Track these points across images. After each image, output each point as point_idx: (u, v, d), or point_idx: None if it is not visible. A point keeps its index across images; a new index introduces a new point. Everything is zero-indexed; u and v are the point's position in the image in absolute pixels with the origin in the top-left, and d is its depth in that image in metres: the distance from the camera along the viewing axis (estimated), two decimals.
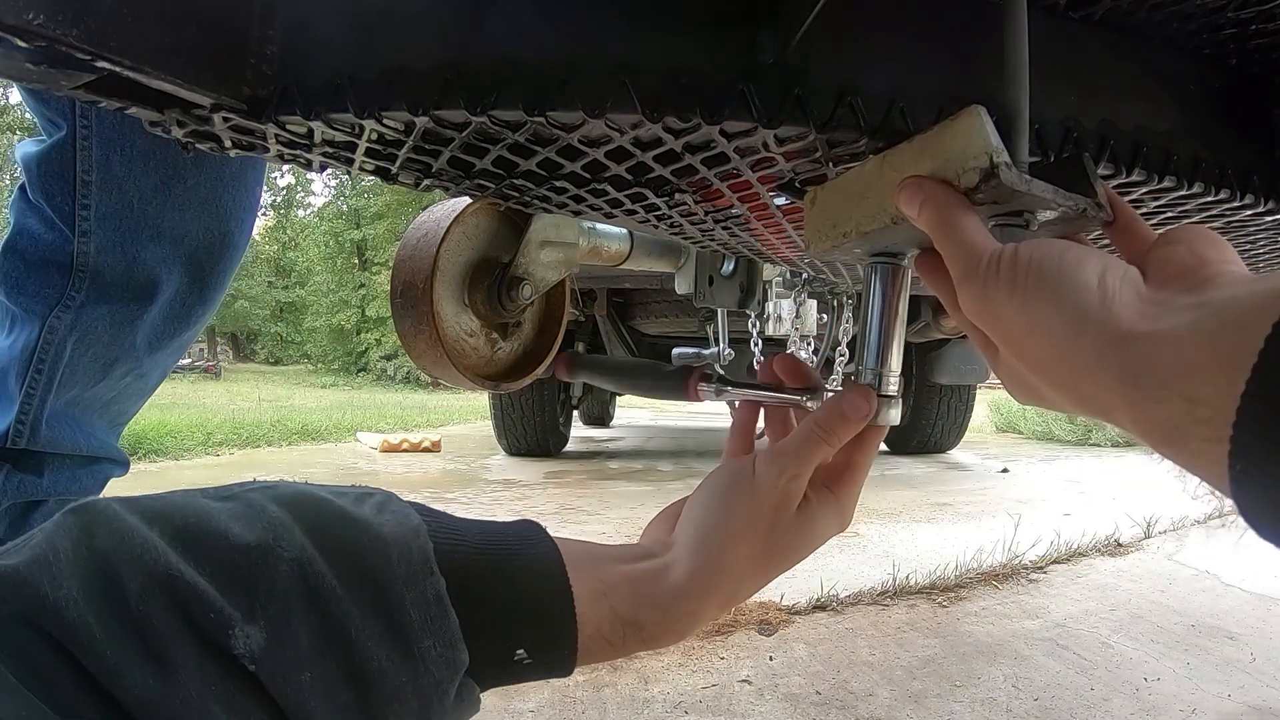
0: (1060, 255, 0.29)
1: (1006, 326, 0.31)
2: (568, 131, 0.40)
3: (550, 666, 0.36)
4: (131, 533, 0.29)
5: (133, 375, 0.88)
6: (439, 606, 0.32)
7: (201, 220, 0.85)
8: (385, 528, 0.33)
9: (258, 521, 0.31)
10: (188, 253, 0.85)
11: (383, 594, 0.31)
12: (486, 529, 0.37)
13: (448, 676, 0.32)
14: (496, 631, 0.34)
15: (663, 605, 0.38)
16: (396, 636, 0.31)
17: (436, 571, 0.33)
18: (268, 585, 0.30)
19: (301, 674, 0.29)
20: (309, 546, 0.31)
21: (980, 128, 0.33)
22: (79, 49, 0.32)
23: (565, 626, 0.36)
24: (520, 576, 0.36)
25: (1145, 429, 0.25)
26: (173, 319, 0.88)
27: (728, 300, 1.20)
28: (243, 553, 0.30)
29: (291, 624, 0.29)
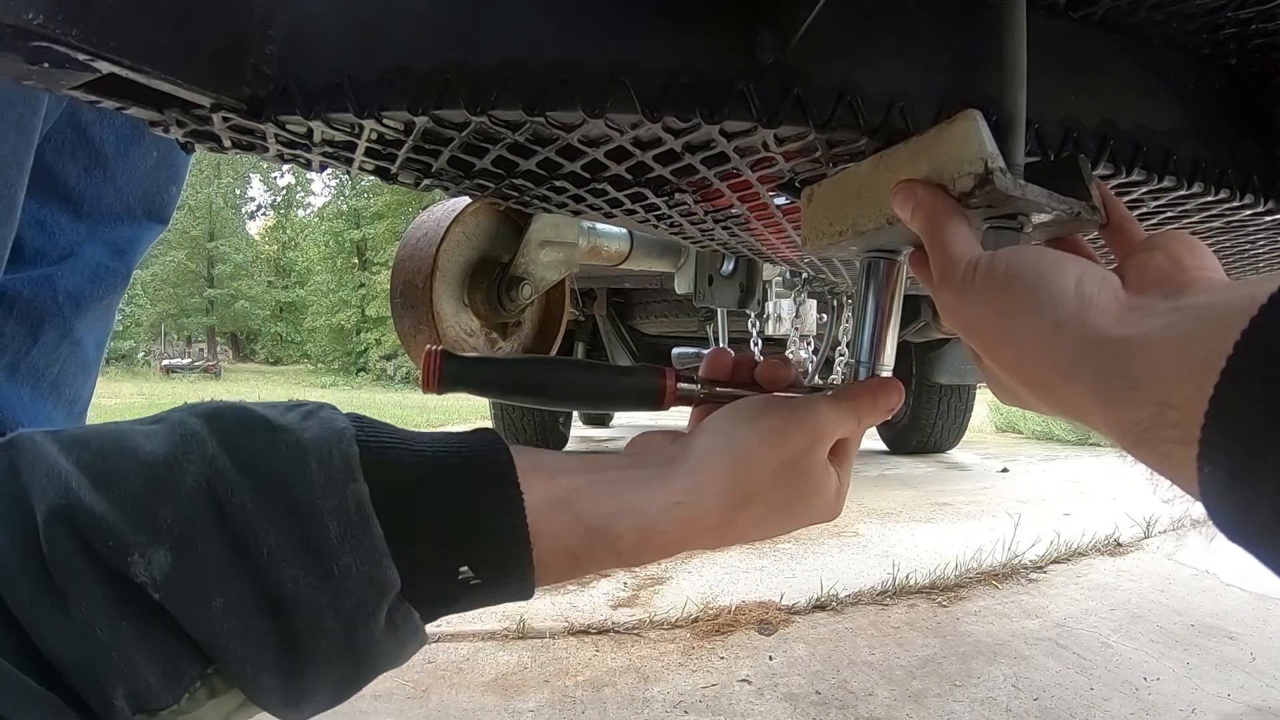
0: (1036, 262, 0.29)
1: (982, 332, 0.31)
2: (568, 131, 0.40)
3: (505, 586, 0.32)
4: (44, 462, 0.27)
5: (67, 342, 0.88)
6: (360, 517, 0.28)
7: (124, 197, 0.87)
8: (307, 433, 0.29)
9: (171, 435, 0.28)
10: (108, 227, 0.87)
11: (298, 505, 0.28)
12: (430, 436, 0.33)
13: (372, 597, 0.28)
14: (434, 545, 0.30)
15: (646, 512, 0.34)
16: (313, 553, 0.28)
17: (359, 477, 0.29)
18: (172, 504, 0.27)
19: (212, 600, 0.26)
20: (221, 457, 0.28)
21: (976, 133, 0.33)
22: (79, 49, 0.32)
23: (515, 537, 0.31)
24: (460, 481, 0.31)
25: (1118, 431, 0.26)
26: (94, 280, 0.89)
27: (728, 300, 1.20)
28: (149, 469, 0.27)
29: (198, 546, 0.27)
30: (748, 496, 0.36)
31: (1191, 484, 0.22)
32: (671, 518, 0.34)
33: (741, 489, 0.36)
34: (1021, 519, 1.96)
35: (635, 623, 1.25)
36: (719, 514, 0.35)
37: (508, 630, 1.24)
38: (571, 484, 0.33)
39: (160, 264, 25.51)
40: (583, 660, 1.12)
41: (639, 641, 1.20)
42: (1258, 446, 0.20)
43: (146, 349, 25.65)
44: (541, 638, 1.21)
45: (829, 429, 0.38)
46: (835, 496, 0.40)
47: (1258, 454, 0.20)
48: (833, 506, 0.40)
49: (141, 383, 14.44)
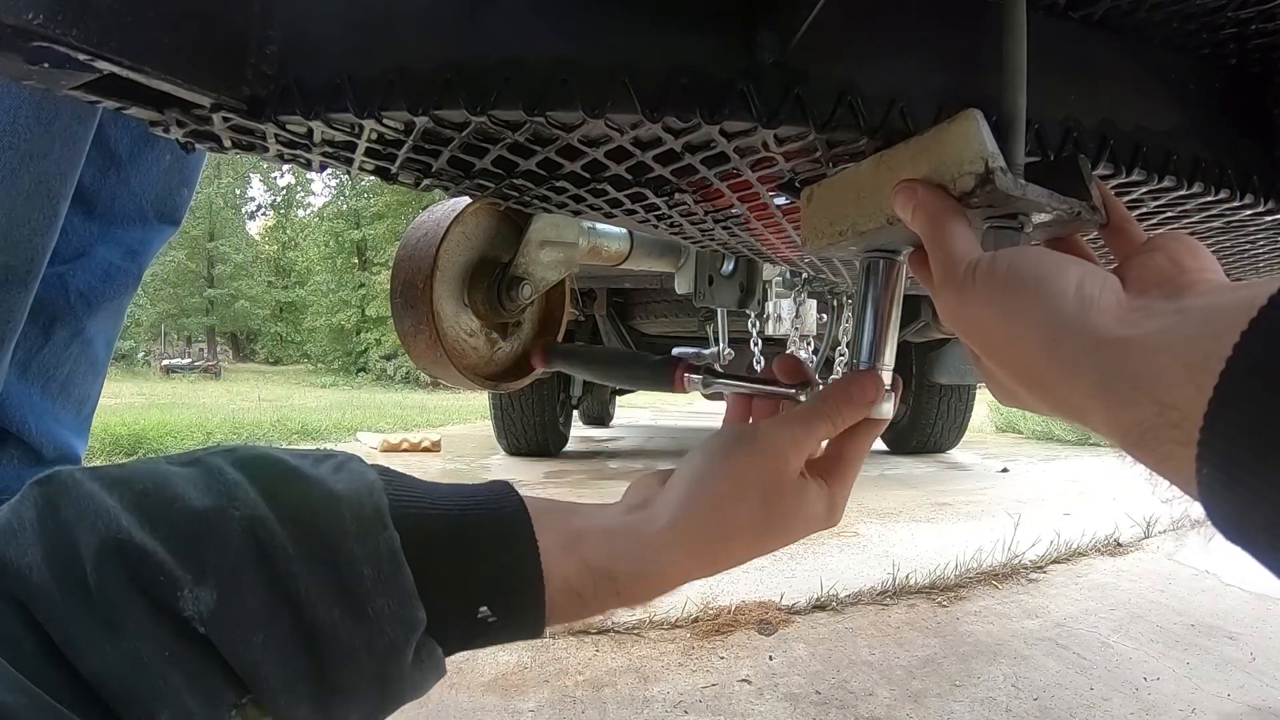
0: (1037, 263, 0.29)
1: (982, 333, 0.31)
2: (568, 131, 0.40)
3: (519, 625, 0.35)
4: (89, 499, 0.29)
5: (78, 341, 0.89)
6: (392, 562, 0.31)
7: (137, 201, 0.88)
8: (339, 485, 0.32)
9: (214, 484, 0.31)
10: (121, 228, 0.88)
11: (334, 551, 0.30)
12: (450, 488, 0.36)
13: (403, 636, 0.31)
14: (456, 588, 0.33)
15: (641, 555, 0.36)
16: (348, 595, 0.30)
17: (390, 526, 0.32)
18: (218, 546, 0.29)
19: (253, 635, 0.29)
20: (261, 505, 0.30)
21: (976, 132, 0.33)
22: (79, 49, 0.32)
23: (530, 580, 0.34)
24: (481, 530, 0.34)
25: (1119, 432, 0.26)
26: (106, 280, 0.89)
27: (727, 300, 1.20)
28: (197, 515, 0.29)
29: (241, 585, 0.29)
30: (726, 533, 0.38)
31: (1191, 485, 0.23)
32: (661, 560, 0.37)
33: (717, 529, 0.38)
34: (1021, 519, 1.96)
35: (635, 623, 1.25)
36: (703, 554, 0.38)
37: None
38: (576, 528, 0.36)
39: (160, 264, 25.50)
40: (583, 660, 1.12)
41: (639, 641, 1.20)
42: (1257, 447, 0.20)
43: (146, 349, 25.65)
44: (541, 637, 1.21)
45: (785, 449, 0.39)
46: (828, 508, 0.41)
47: (1257, 454, 0.20)
48: (826, 517, 0.41)
49: (141, 383, 14.43)
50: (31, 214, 0.73)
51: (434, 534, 0.33)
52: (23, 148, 0.71)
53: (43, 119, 0.71)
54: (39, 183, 0.72)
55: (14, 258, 0.73)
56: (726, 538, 0.38)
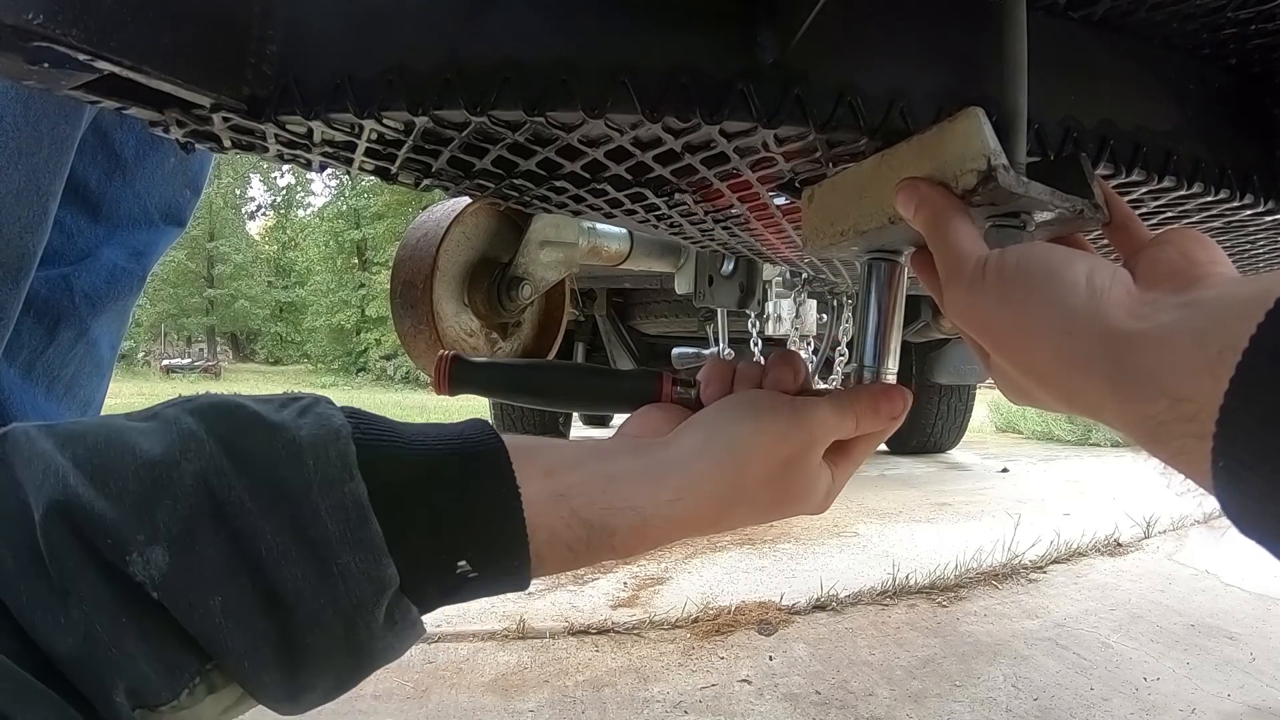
0: (1047, 257, 0.29)
1: (994, 329, 0.31)
2: (567, 131, 0.40)
3: (500, 579, 0.32)
4: (40, 458, 0.27)
5: (83, 342, 0.89)
6: (359, 515, 0.28)
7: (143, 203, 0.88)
8: (303, 430, 0.29)
9: (168, 433, 0.28)
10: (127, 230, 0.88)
11: (296, 504, 0.28)
12: (423, 429, 0.33)
13: (371, 595, 0.29)
14: (431, 541, 0.30)
15: (643, 510, 0.34)
16: (312, 552, 0.28)
17: (357, 476, 0.29)
18: (171, 502, 0.27)
19: (209, 599, 0.27)
20: (219, 455, 0.28)
21: (978, 130, 0.33)
22: (79, 49, 0.32)
23: (512, 532, 0.31)
24: (456, 475, 0.31)
25: (1131, 425, 0.26)
26: (111, 281, 0.90)
27: (727, 300, 1.20)
28: (147, 468, 0.27)
29: (196, 544, 0.27)
30: (740, 496, 0.36)
31: (1206, 478, 0.22)
32: (665, 515, 0.34)
33: (734, 489, 0.36)
34: (1021, 519, 1.96)
35: (635, 623, 1.25)
36: (711, 511, 0.36)
37: (508, 630, 1.24)
38: (568, 478, 0.33)
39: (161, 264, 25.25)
40: (583, 660, 1.12)
41: (639, 641, 1.20)
42: (1274, 439, 0.20)
43: (146, 349, 25.64)
44: (541, 638, 1.21)
45: (826, 432, 0.38)
46: (826, 495, 0.40)
47: (1274, 446, 0.20)
48: (822, 503, 0.40)
49: (141, 383, 14.43)
50: (21, 211, 0.73)
51: (406, 483, 0.30)
52: (11, 146, 0.71)
53: (31, 117, 0.72)
54: (28, 180, 0.73)
55: (5, 255, 0.73)
56: (738, 499, 0.36)
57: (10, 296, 0.75)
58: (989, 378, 0.39)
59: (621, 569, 1.61)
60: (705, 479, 0.35)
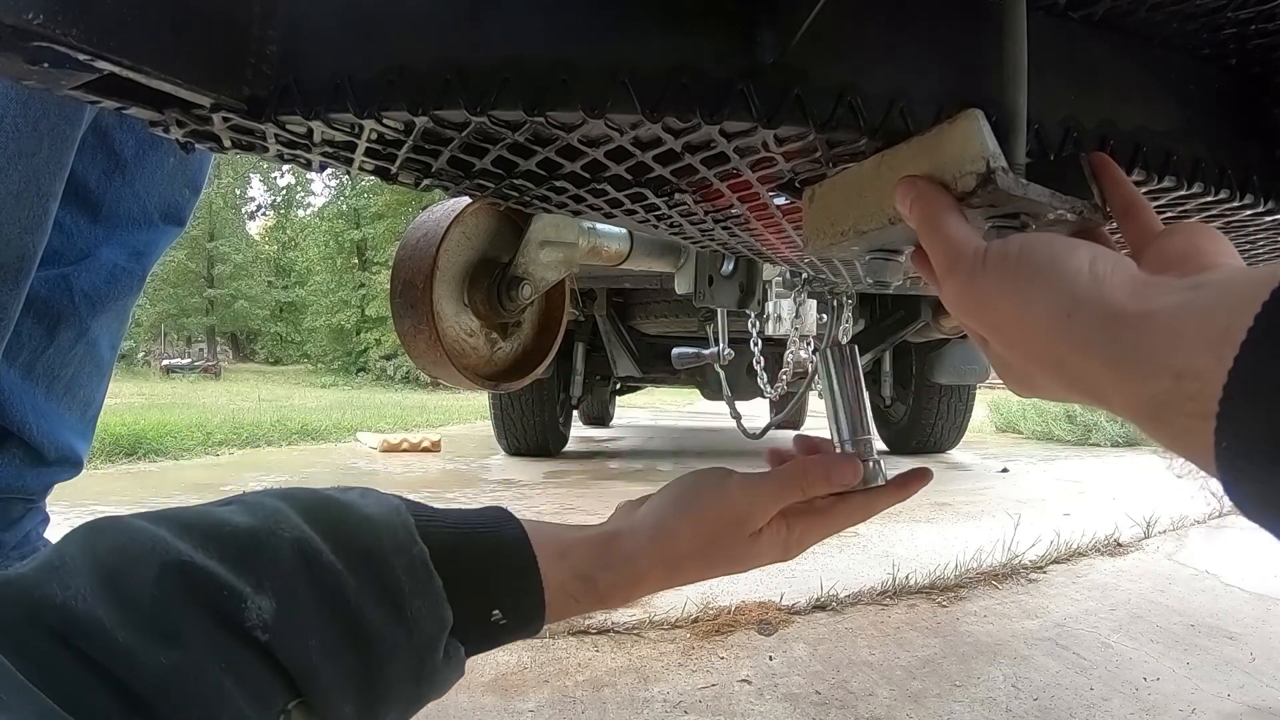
0: (1050, 244, 0.30)
1: (995, 317, 0.31)
2: (567, 131, 0.40)
3: (523, 625, 0.41)
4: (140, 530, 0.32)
5: (83, 342, 0.89)
6: (425, 571, 0.36)
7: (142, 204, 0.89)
8: (370, 508, 0.37)
9: (257, 511, 0.35)
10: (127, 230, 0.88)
11: (374, 563, 0.35)
12: (458, 512, 0.42)
13: (436, 633, 0.36)
14: (475, 594, 0.39)
15: (617, 566, 0.43)
16: (390, 600, 0.35)
17: (419, 541, 0.37)
18: (272, 562, 0.33)
19: (308, 639, 0.32)
20: (305, 526, 0.34)
21: (977, 132, 0.33)
22: (79, 49, 0.32)
23: (533, 586, 0.40)
24: (490, 545, 0.40)
25: (1133, 407, 0.25)
26: (111, 281, 0.90)
27: (727, 300, 1.20)
28: (247, 534, 0.33)
29: (297, 594, 0.32)
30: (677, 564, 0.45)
31: (1207, 459, 0.22)
32: (633, 571, 0.44)
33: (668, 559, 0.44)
34: (1021, 519, 1.96)
35: (635, 623, 1.25)
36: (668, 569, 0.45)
37: None
38: (566, 542, 0.43)
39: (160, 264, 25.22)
40: (583, 660, 1.12)
41: (639, 641, 1.20)
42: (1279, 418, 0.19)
43: (146, 349, 25.62)
44: (541, 638, 1.21)
45: (749, 513, 0.45)
46: (782, 551, 0.48)
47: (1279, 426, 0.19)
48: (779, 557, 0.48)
49: (141, 383, 14.43)
50: (21, 212, 0.73)
51: (452, 550, 0.38)
52: (11, 146, 0.71)
53: (31, 117, 0.72)
54: (28, 181, 0.73)
55: (4, 256, 0.73)
56: (679, 563, 0.45)
57: (10, 297, 0.75)
58: (990, 377, 0.40)
59: None
60: (652, 546, 0.44)
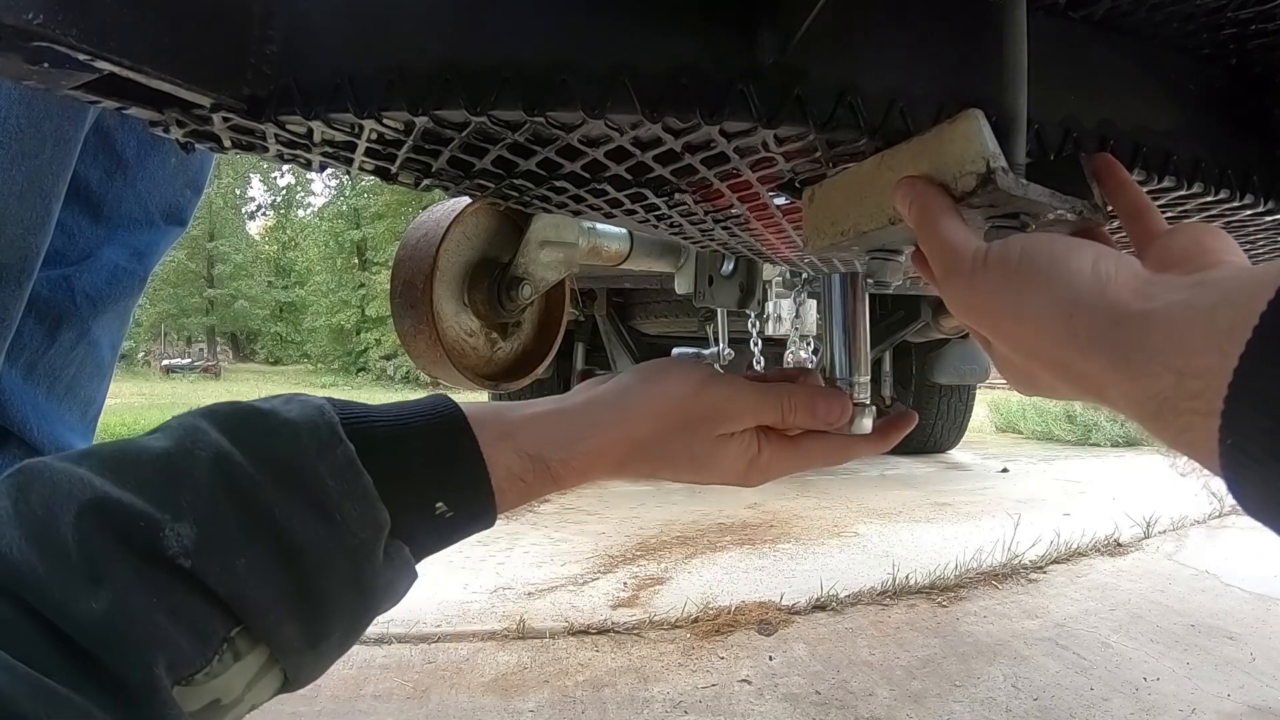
0: (1051, 244, 0.29)
1: (997, 318, 0.31)
2: (567, 131, 0.40)
3: (473, 517, 0.38)
4: (61, 473, 0.30)
5: (84, 343, 0.89)
6: (352, 470, 0.34)
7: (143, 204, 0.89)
8: (293, 412, 0.35)
9: (175, 431, 0.33)
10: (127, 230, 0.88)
11: (297, 470, 0.33)
12: (393, 405, 0.39)
13: (372, 536, 0.34)
14: (412, 488, 0.36)
15: (566, 443, 0.40)
16: (317, 506, 0.33)
17: (344, 439, 0.34)
18: (190, 484, 0.31)
19: (235, 560, 0.31)
20: (224, 442, 0.33)
21: (977, 132, 0.33)
22: (79, 49, 0.32)
23: (475, 472, 0.37)
24: (425, 433, 0.37)
25: (1135, 405, 0.25)
26: (112, 281, 0.90)
27: (727, 300, 1.20)
28: (163, 459, 0.32)
29: (218, 516, 0.31)
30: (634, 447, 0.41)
31: (1209, 457, 0.22)
32: (579, 451, 0.40)
33: (626, 439, 0.41)
34: (1021, 519, 1.96)
35: (635, 623, 1.25)
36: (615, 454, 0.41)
37: (508, 630, 1.24)
38: (512, 422, 0.40)
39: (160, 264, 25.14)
40: (583, 660, 1.12)
41: (639, 641, 1.20)
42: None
43: (146, 349, 25.60)
44: (541, 638, 1.21)
45: (732, 412, 0.41)
46: (745, 470, 0.44)
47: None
48: (740, 478, 0.44)
49: (141, 383, 14.43)
50: (24, 213, 0.73)
51: (382, 443, 0.36)
52: (14, 147, 0.71)
53: (34, 118, 0.72)
54: (31, 182, 0.73)
55: (7, 256, 0.73)
56: (644, 444, 0.41)
57: (13, 298, 0.75)
58: (990, 377, 0.39)
59: (621, 569, 1.61)
60: (599, 426, 0.41)
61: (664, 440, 0.41)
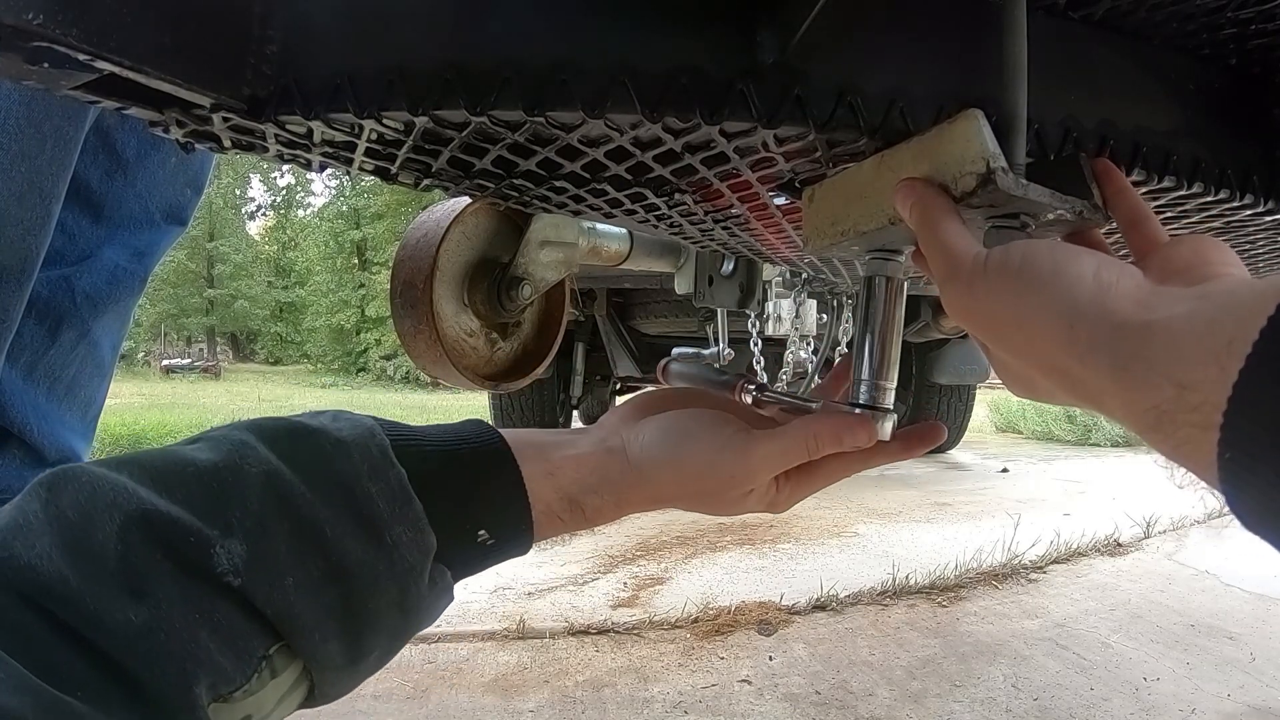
0: (1052, 252, 0.29)
1: (996, 324, 0.31)
2: (567, 131, 0.40)
3: (512, 544, 0.39)
4: (101, 481, 0.30)
5: (84, 343, 0.89)
6: (404, 495, 0.34)
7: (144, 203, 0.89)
8: (343, 431, 0.35)
9: (222, 445, 0.33)
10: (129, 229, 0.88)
11: (350, 491, 0.33)
12: (437, 428, 0.40)
13: (420, 560, 0.34)
14: (458, 515, 0.36)
15: (601, 492, 0.41)
16: (368, 529, 0.33)
17: (396, 463, 0.35)
18: (240, 501, 0.31)
19: (284, 579, 0.30)
20: (273, 459, 0.32)
21: (977, 132, 0.33)
22: (79, 49, 0.32)
23: (519, 506, 0.38)
24: (473, 463, 0.38)
25: (1134, 416, 0.25)
26: (113, 282, 0.90)
27: (727, 300, 1.20)
28: (212, 474, 0.31)
29: (268, 534, 0.31)
30: (675, 496, 0.43)
31: (1208, 470, 0.22)
32: (621, 497, 0.41)
33: (670, 492, 0.42)
34: (1021, 519, 1.96)
35: (635, 623, 1.25)
36: (651, 500, 0.43)
37: (508, 630, 1.24)
38: (555, 461, 0.40)
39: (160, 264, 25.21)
40: (583, 660, 1.12)
41: (639, 641, 1.20)
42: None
43: (146, 349, 25.60)
44: (541, 638, 1.21)
45: (755, 475, 0.42)
46: (771, 503, 0.45)
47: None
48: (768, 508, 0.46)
49: (141, 383, 14.43)
50: (24, 214, 0.73)
51: (433, 469, 0.36)
52: (14, 148, 0.71)
53: (34, 119, 0.72)
54: (31, 183, 0.73)
55: (7, 257, 0.73)
56: (670, 498, 0.43)
57: (13, 299, 0.75)
58: (990, 377, 0.39)
59: (621, 569, 1.61)
60: (646, 482, 0.42)
61: (693, 498, 0.43)
